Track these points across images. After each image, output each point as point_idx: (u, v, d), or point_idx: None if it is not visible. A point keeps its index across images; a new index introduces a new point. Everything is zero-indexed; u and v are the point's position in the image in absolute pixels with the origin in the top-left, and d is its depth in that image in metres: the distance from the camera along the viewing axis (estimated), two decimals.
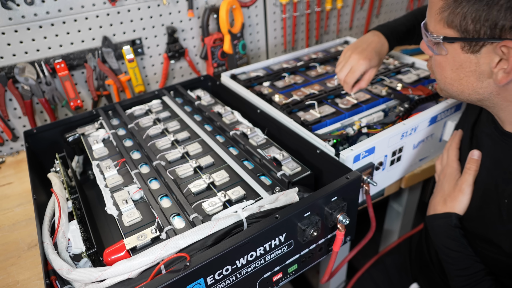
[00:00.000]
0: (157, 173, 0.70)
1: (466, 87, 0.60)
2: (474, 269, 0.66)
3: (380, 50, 0.87)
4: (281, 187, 0.64)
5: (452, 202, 0.69)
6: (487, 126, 0.68)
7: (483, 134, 0.69)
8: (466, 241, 0.68)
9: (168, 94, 0.97)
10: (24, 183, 0.92)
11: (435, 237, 0.72)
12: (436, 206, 0.73)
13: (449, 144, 0.77)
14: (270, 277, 0.58)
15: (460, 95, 0.62)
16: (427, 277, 0.88)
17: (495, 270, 0.66)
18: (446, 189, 0.72)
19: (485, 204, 0.66)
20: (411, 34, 0.93)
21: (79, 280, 0.49)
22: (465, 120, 0.77)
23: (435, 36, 0.58)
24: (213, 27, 1.19)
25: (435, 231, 0.71)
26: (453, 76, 0.60)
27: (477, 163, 0.68)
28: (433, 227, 0.72)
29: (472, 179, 0.68)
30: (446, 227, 0.69)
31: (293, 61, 1.12)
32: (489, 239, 0.64)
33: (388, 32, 0.89)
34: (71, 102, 1.02)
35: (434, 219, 0.72)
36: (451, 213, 0.69)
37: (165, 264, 0.48)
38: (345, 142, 0.80)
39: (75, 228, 0.60)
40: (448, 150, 0.76)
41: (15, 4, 0.89)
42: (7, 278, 0.68)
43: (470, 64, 0.56)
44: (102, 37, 1.03)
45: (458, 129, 0.77)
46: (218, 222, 0.53)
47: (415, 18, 0.94)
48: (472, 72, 0.57)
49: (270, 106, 0.86)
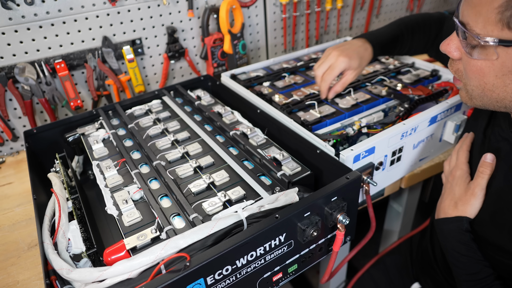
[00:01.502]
0: (157, 173, 0.70)
1: (510, 94, 0.55)
2: (484, 274, 0.65)
3: (363, 54, 0.85)
4: (281, 187, 0.64)
5: (464, 206, 0.67)
6: (504, 130, 0.66)
7: (500, 138, 0.66)
8: (476, 246, 0.66)
9: (168, 94, 0.97)
10: (24, 183, 0.92)
11: (444, 241, 0.70)
12: (446, 209, 0.70)
13: (459, 146, 0.74)
14: (270, 277, 0.58)
15: (500, 102, 0.57)
16: (430, 277, 0.87)
17: (504, 274, 0.65)
18: (457, 192, 0.69)
19: (500, 211, 0.63)
20: (394, 45, 0.91)
21: (79, 280, 0.49)
22: (475, 124, 0.74)
23: (486, 38, 0.51)
24: (213, 27, 1.19)
25: (445, 235, 0.70)
26: (497, 82, 0.54)
27: (491, 166, 0.65)
28: (443, 230, 0.70)
29: (485, 183, 0.66)
30: (457, 231, 0.67)
31: (293, 61, 1.12)
32: (501, 244, 0.63)
33: (372, 39, 0.87)
34: (71, 102, 1.02)
35: (444, 223, 0.70)
36: (463, 217, 0.67)
37: (165, 264, 0.48)
38: (345, 142, 0.80)
39: (75, 228, 0.60)
40: (458, 152, 0.74)
41: (15, 4, 0.89)
42: (7, 278, 0.68)
43: None
44: (102, 37, 1.03)
45: (469, 132, 0.74)
46: (218, 222, 0.53)
47: (399, 29, 0.91)
48: None
49: (270, 106, 0.86)
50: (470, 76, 0.58)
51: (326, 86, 0.85)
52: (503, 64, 0.52)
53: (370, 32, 0.90)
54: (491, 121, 0.70)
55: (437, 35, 0.91)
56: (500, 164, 0.65)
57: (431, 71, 1.00)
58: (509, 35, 0.49)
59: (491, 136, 0.69)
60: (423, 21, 0.91)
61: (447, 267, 0.79)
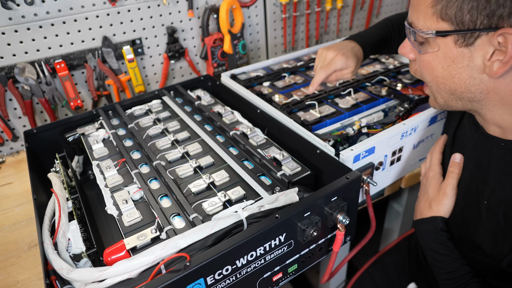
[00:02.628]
0: (157, 173, 0.70)
1: (458, 85, 0.58)
2: (461, 272, 0.66)
3: (357, 53, 0.84)
4: (281, 187, 0.64)
5: (437, 206, 0.70)
6: (468, 128, 0.68)
7: (465, 137, 0.69)
8: (452, 244, 0.68)
9: (168, 94, 0.97)
10: (24, 183, 0.92)
11: (422, 241, 0.72)
12: (422, 210, 0.73)
13: (433, 148, 0.77)
14: (270, 277, 0.58)
15: (453, 94, 0.60)
16: (423, 278, 0.88)
17: (481, 271, 0.67)
18: (430, 193, 0.72)
19: (467, 206, 0.66)
20: (383, 44, 0.91)
21: (79, 280, 0.49)
22: (449, 124, 0.77)
23: (426, 32, 0.56)
24: (213, 27, 1.19)
25: (422, 235, 0.72)
26: (445, 74, 0.58)
27: (460, 166, 0.69)
28: (420, 231, 0.72)
29: (455, 182, 0.69)
30: (433, 231, 0.70)
31: (293, 61, 1.12)
32: (472, 240, 0.65)
33: (361, 40, 0.87)
34: (71, 102, 1.02)
35: (420, 224, 0.72)
36: (437, 216, 0.70)
37: (165, 264, 0.48)
38: (345, 142, 0.80)
39: (75, 228, 0.60)
40: (431, 154, 0.76)
41: (15, 4, 0.89)
42: (7, 278, 0.68)
43: (463, 58, 0.55)
44: (102, 37, 1.03)
45: (443, 134, 0.77)
46: (218, 222, 0.53)
47: (387, 29, 0.91)
48: (464, 68, 0.56)
49: (270, 106, 0.86)
50: (424, 72, 0.62)
51: (318, 80, 0.82)
52: (446, 55, 0.56)
53: (358, 34, 0.90)
54: (461, 122, 0.73)
55: None
56: (466, 161, 0.68)
57: None
58: (444, 26, 0.54)
59: (459, 135, 0.71)
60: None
61: None
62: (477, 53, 0.53)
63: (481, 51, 0.53)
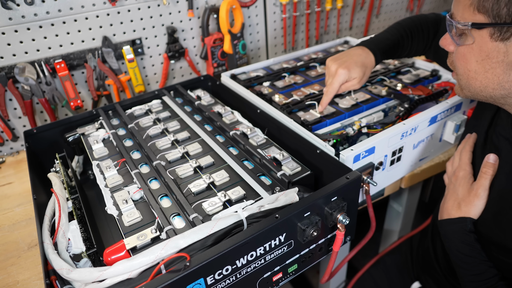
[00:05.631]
0: (157, 173, 0.70)
1: (491, 81, 0.57)
2: (488, 275, 0.64)
3: (365, 61, 0.83)
4: (281, 187, 0.64)
5: (467, 207, 0.67)
6: (506, 129, 0.66)
7: (501, 138, 0.66)
8: (479, 246, 0.66)
9: (168, 94, 0.97)
10: (24, 183, 0.92)
11: (448, 242, 0.70)
12: (449, 210, 0.70)
13: (462, 146, 0.74)
14: (270, 277, 0.58)
15: (484, 91, 0.59)
16: (431, 276, 0.87)
17: (508, 275, 0.65)
18: (460, 193, 0.69)
19: (502, 210, 0.63)
20: (395, 49, 0.90)
21: (79, 280, 0.49)
22: (477, 123, 0.74)
23: (462, 23, 0.55)
24: (213, 27, 1.19)
25: (448, 236, 0.69)
26: (478, 68, 0.57)
27: (494, 167, 0.65)
28: (447, 231, 0.70)
29: (488, 184, 0.65)
30: (461, 232, 0.67)
31: (293, 61, 1.12)
32: (504, 244, 0.63)
33: (372, 46, 0.86)
34: (71, 102, 1.02)
35: (448, 224, 0.69)
36: (466, 217, 0.67)
37: (165, 264, 0.48)
38: (345, 142, 0.80)
39: (75, 228, 0.60)
40: (460, 153, 0.73)
41: (15, 4, 0.89)
42: (7, 278, 0.68)
43: (498, 53, 0.54)
44: (102, 37, 1.03)
45: (472, 133, 0.74)
46: (218, 222, 0.53)
47: (399, 33, 0.90)
48: (499, 63, 0.54)
49: (270, 106, 0.86)
50: (457, 64, 0.61)
51: (326, 101, 0.83)
52: (481, 48, 0.55)
53: (370, 39, 0.89)
54: (494, 121, 0.70)
55: (435, 36, 0.91)
56: (502, 164, 0.65)
57: (431, 71, 1.00)
58: (481, 18, 0.53)
59: (493, 136, 0.69)
60: (421, 24, 0.91)
61: (449, 267, 0.79)
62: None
63: None
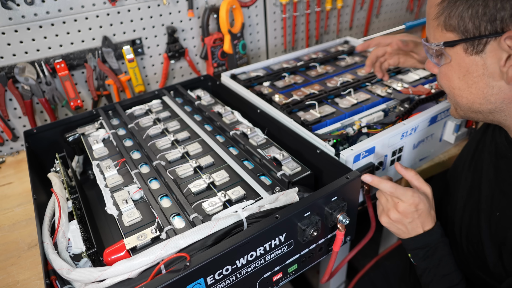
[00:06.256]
0: (157, 173, 0.70)
1: (476, 96, 0.56)
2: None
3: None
4: (281, 187, 0.64)
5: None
6: (492, 140, 0.66)
7: (485, 151, 0.67)
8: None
9: (168, 94, 0.97)
10: (24, 183, 0.92)
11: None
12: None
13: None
14: (270, 277, 0.58)
15: (472, 107, 0.58)
16: None
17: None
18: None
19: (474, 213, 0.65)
20: None
21: (79, 280, 0.49)
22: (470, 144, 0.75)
23: (435, 44, 0.56)
24: (213, 27, 1.19)
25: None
26: (461, 84, 0.57)
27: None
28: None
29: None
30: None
31: (293, 61, 1.12)
32: (479, 255, 0.64)
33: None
34: (71, 102, 1.02)
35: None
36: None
37: (165, 264, 0.48)
38: (345, 142, 0.80)
39: (75, 228, 0.60)
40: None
41: (15, 4, 0.89)
42: (7, 278, 0.68)
43: (477, 67, 0.54)
44: (102, 37, 1.03)
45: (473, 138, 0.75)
46: (218, 222, 0.53)
47: None
48: (480, 77, 0.54)
49: (270, 106, 0.86)
50: (442, 84, 0.61)
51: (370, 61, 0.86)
52: (459, 65, 0.56)
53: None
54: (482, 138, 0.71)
55: None
56: (489, 169, 0.66)
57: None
58: (451, 36, 0.54)
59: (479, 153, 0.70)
60: None
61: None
62: (490, 59, 0.52)
63: (494, 57, 0.52)
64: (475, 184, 0.67)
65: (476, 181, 0.67)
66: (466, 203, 0.69)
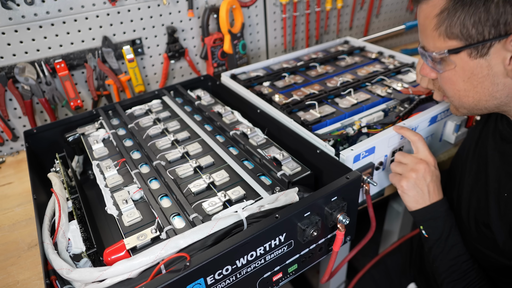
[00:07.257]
0: (157, 173, 0.70)
1: (482, 94, 0.58)
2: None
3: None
4: (281, 187, 0.64)
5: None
6: (495, 128, 0.68)
7: (490, 135, 0.68)
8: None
9: (168, 94, 0.97)
10: (24, 183, 0.92)
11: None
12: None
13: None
14: (270, 277, 0.58)
15: (478, 105, 0.60)
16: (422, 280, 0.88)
17: (488, 267, 0.68)
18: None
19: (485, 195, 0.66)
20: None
21: (79, 280, 0.49)
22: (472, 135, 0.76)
23: (438, 52, 0.57)
24: (213, 27, 1.19)
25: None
26: (467, 86, 0.58)
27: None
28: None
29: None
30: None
31: (293, 61, 1.12)
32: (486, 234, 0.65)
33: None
34: (71, 102, 1.02)
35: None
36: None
37: (165, 264, 0.48)
38: (345, 142, 0.80)
39: (75, 228, 0.60)
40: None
41: (15, 4, 0.89)
42: (7, 278, 0.68)
43: (482, 69, 0.55)
44: (102, 37, 1.03)
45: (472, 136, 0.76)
46: (218, 222, 0.53)
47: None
48: (485, 77, 0.56)
49: (270, 106, 0.86)
50: (446, 88, 0.62)
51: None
52: (464, 69, 0.57)
53: None
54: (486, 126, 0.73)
55: None
56: (493, 154, 0.68)
57: None
58: (454, 44, 0.55)
59: (484, 137, 0.71)
60: None
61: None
62: (494, 60, 0.54)
63: (498, 58, 0.53)
64: (481, 170, 0.69)
65: (482, 167, 0.69)
66: (473, 187, 0.70)
